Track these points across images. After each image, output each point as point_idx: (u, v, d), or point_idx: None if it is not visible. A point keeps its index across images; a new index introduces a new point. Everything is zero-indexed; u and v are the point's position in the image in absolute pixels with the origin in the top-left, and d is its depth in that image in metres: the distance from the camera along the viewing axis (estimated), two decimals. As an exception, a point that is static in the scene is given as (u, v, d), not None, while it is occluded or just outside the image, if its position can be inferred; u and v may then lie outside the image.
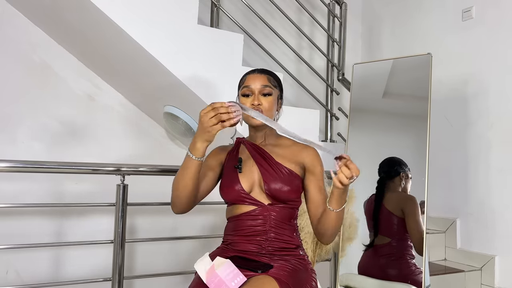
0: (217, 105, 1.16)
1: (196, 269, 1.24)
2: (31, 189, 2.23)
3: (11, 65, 2.26)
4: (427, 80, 1.92)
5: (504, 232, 2.28)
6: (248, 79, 1.39)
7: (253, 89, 1.36)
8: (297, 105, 2.87)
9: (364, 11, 3.42)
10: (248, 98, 1.36)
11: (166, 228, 2.44)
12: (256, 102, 1.34)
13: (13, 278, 2.19)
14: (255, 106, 1.34)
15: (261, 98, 1.35)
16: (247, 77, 1.40)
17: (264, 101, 1.35)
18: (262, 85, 1.36)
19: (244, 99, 1.37)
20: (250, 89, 1.36)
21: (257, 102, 1.34)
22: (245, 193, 1.34)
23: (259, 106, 1.34)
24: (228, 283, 1.14)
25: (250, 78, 1.38)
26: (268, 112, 1.36)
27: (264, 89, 1.36)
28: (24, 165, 1.67)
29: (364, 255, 1.98)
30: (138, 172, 1.87)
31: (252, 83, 1.37)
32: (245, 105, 1.27)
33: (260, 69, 1.43)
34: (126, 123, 2.52)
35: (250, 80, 1.38)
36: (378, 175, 1.98)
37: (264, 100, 1.35)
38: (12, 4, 2.25)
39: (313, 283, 1.32)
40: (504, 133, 2.32)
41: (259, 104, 1.34)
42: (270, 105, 1.36)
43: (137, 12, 1.87)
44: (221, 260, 1.20)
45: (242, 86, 1.39)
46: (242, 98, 1.38)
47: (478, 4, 2.50)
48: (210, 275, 1.18)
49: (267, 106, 1.35)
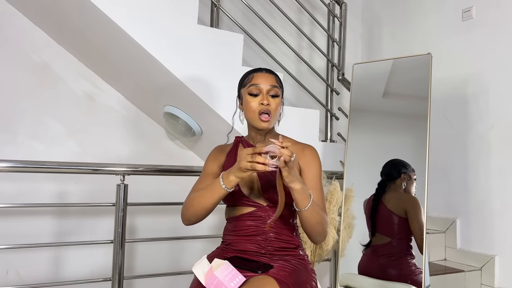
0: (256, 150, 1.13)
1: (194, 272, 1.24)
2: (31, 189, 2.23)
3: (11, 65, 2.26)
4: (427, 80, 1.92)
5: (504, 232, 2.28)
6: (256, 77, 1.35)
7: (261, 88, 1.33)
8: (297, 105, 2.87)
9: (364, 11, 3.42)
10: (255, 97, 1.34)
11: (166, 228, 2.43)
12: (265, 101, 1.32)
13: (13, 278, 2.19)
14: (264, 106, 1.32)
15: (269, 99, 1.33)
16: (255, 75, 1.36)
17: (273, 102, 1.33)
18: (271, 85, 1.34)
19: (251, 98, 1.34)
20: (259, 88, 1.34)
21: (266, 101, 1.32)
22: (243, 196, 1.34)
23: (268, 107, 1.32)
24: (227, 284, 1.14)
25: (259, 76, 1.35)
26: (275, 113, 1.34)
27: (273, 89, 1.34)
28: (24, 165, 1.67)
29: (364, 255, 1.98)
30: (138, 172, 1.87)
31: (261, 82, 1.34)
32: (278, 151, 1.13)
33: (267, 68, 1.41)
34: (126, 123, 2.52)
35: (259, 79, 1.35)
36: (380, 177, 1.98)
37: (273, 101, 1.33)
38: (12, 4, 2.25)
39: (313, 283, 1.32)
40: (505, 133, 2.32)
41: (268, 104, 1.32)
42: (277, 107, 1.35)
43: (137, 12, 1.87)
44: (219, 261, 1.20)
45: (249, 84, 1.35)
46: (248, 96, 1.34)
47: (478, 4, 2.50)
48: (209, 277, 1.17)
49: (275, 107, 1.34)
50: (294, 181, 1.16)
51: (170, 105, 2.24)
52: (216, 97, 2.04)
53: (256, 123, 1.34)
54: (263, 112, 1.32)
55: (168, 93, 2.20)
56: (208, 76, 2.03)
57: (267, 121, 1.32)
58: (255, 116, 1.33)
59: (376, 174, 2.00)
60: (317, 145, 2.39)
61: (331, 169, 2.24)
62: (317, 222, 1.25)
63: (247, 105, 1.35)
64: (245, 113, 1.38)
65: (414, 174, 1.90)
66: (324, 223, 1.28)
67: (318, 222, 1.26)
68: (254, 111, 1.33)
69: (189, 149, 2.70)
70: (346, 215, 2.00)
